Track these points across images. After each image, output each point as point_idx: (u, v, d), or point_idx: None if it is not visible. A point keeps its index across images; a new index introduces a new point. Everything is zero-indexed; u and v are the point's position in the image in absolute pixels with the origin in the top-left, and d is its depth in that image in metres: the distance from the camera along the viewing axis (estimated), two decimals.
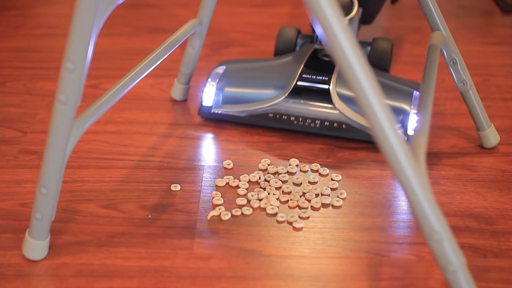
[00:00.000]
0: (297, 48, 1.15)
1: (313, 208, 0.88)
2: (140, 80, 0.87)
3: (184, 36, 1.00)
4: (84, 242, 0.81)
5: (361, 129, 0.99)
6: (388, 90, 1.00)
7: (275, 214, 0.86)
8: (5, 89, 1.18)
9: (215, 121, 1.06)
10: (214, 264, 0.78)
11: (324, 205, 0.88)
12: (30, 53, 1.33)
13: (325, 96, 1.01)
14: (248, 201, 0.89)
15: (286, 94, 1.02)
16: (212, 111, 1.05)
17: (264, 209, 0.87)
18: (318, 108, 1.01)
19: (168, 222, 0.85)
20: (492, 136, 1.01)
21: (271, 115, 1.02)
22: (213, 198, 0.89)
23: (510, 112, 1.13)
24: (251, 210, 0.87)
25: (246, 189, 0.91)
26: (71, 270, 0.76)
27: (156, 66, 0.91)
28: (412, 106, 0.99)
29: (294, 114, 1.01)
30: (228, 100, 1.05)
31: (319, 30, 0.60)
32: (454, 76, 0.96)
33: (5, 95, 1.16)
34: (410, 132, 0.97)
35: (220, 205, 0.88)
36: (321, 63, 1.07)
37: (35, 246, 0.77)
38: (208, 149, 1.02)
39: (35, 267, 0.77)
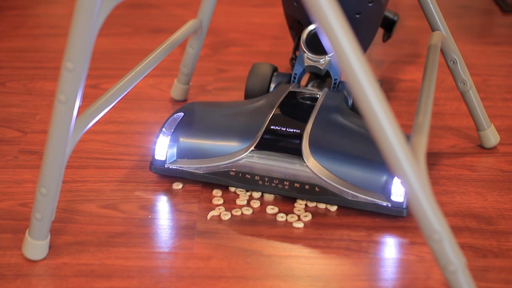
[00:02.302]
0: (272, 89, 1.02)
1: (313, 208, 0.88)
2: (140, 80, 0.87)
3: (184, 36, 1.00)
4: (84, 242, 0.81)
5: (337, 193, 0.84)
6: (371, 145, 0.82)
7: (275, 214, 0.86)
8: (5, 89, 1.18)
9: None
10: (214, 264, 0.78)
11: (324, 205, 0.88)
12: (30, 53, 1.33)
13: (295, 152, 0.86)
14: (248, 201, 0.89)
15: (250, 149, 0.87)
16: (166, 166, 0.90)
17: (264, 209, 0.87)
18: (287, 167, 0.86)
19: (168, 222, 0.85)
20: (492, 136, 1.01)
21: (232, 173, 0.87)
22: (213, 198, 0.89)
23: (510, 112, 1.13)
24: (251, 210, 0.87)
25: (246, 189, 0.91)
26: (71, 270, 0.76)
27: (156, 66, 0.91)
28: None
29: (259, 173, 0.86)
30: (184, 154, 0.90)
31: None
32: (454, 76, 0.96)
33: (5, 95, 1.16)
34: (396, 197, 0.83)
35: (220, 205, 0.88)
36: (296, 110, 0.93)
37: (35, 246, 0.77)
38: None
39: (35, 267, 0.77)
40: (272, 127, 0.88)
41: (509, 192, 0.92)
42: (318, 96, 0.95)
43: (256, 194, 0.89)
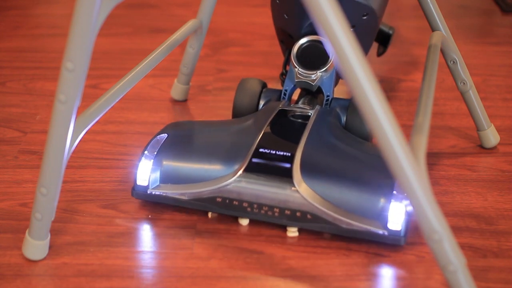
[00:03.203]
0: (261, 106, 0.97)
1: None
2: (140, 80, 0.87)
3: (184, 36, 1.00)
4: (84, 242, 0.81)
5: (331, 221, 0.79)
6: (366, 169, 0.83)
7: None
8: (5, 89, 1.18)
9: None
10: (214, 264, 0.78)
11: None
12: (30, 53, 1.34)
13: (286, 177, 0.80)
14: None
15: (238, 174, 0.81)
16: (149, 192, 0.84)
17: None
18: (278, 193, 0.80)
19: (168, 222, 0.85)
20: (492, 136, 1.01)
21: (219, 199, 0.82)
22: None
23: (510, 112, 1.13)
24: None
25: None
26: (71, 270, 0.76)
27: (156, 66, 0.91)
28: (395, 190, 0.79)
29: (247, 199, 0.81)
30: (168, 178, 0.84)
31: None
32: (454, 76, 0.96)
33: (5, 95, 1.16)
34: (393, 224, 0.78)
35: None
36: (286, 131, 0.88)
37: (35, 246, 0.77)
38: None
39: (35, 267, 0.77)
40: (261, 149, 0.83)
41: (509, 192, 0.92)
42: (309, 114, 0.90)
43: None
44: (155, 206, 0.87)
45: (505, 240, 0.82)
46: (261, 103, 0.98)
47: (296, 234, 0.82)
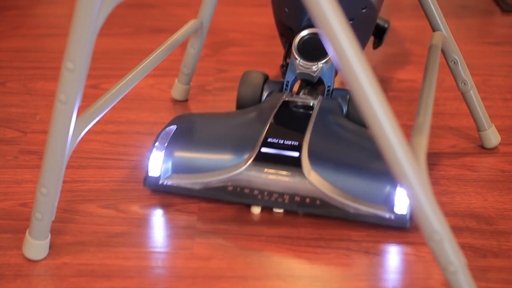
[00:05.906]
0: (264, 97, 1.00)
1: None
2: (141, 80, 0.87)
3: (185, 36, 1.00)
4: (84, 242, 0.81)
5: (339, 206, 0.82)
6: (371, 155, 0.83)
7: (276, 213, 0.86)
8: (5, 89, 1.18)
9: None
10: (214, 264, 0.78)
11: None
12: (30, 53, 1.34)
13: (294, 165, 0.83)
14: None
15: (248, 163, 0.84)
16: (160, 182, 0.86)
17: (264, 209, 0.87)
18: (287, 180, 0.83)
19: (168, 222, 0.85)
20: (493, 137, 1.01)
21: (230, 188, 0.84)
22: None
23: (510, 112, 1.13)
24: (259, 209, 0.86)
25: None
26: (71, 270, 0.76)
27: (157, 66, 0.91)
28: None
29: (257, 187, 0.83)
30: (179, 169, 0.86)
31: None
32: (455, 76, 0.96)
33: (5, 95, 1.16)
34: (399, 208, 0.81)
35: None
36: (292, 120, 0.90)
37: (35, 246, 0.77)
38: None
39: (35, 267, 0.77)
40: (269, 139, 0.86)
41: (509, 192, 0.92)
42: (313, 104, 0.93)
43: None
44: (155, 206, 0.87)
45: (505, 240, 0.82)
46: (264, 94, 0.99)
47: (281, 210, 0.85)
